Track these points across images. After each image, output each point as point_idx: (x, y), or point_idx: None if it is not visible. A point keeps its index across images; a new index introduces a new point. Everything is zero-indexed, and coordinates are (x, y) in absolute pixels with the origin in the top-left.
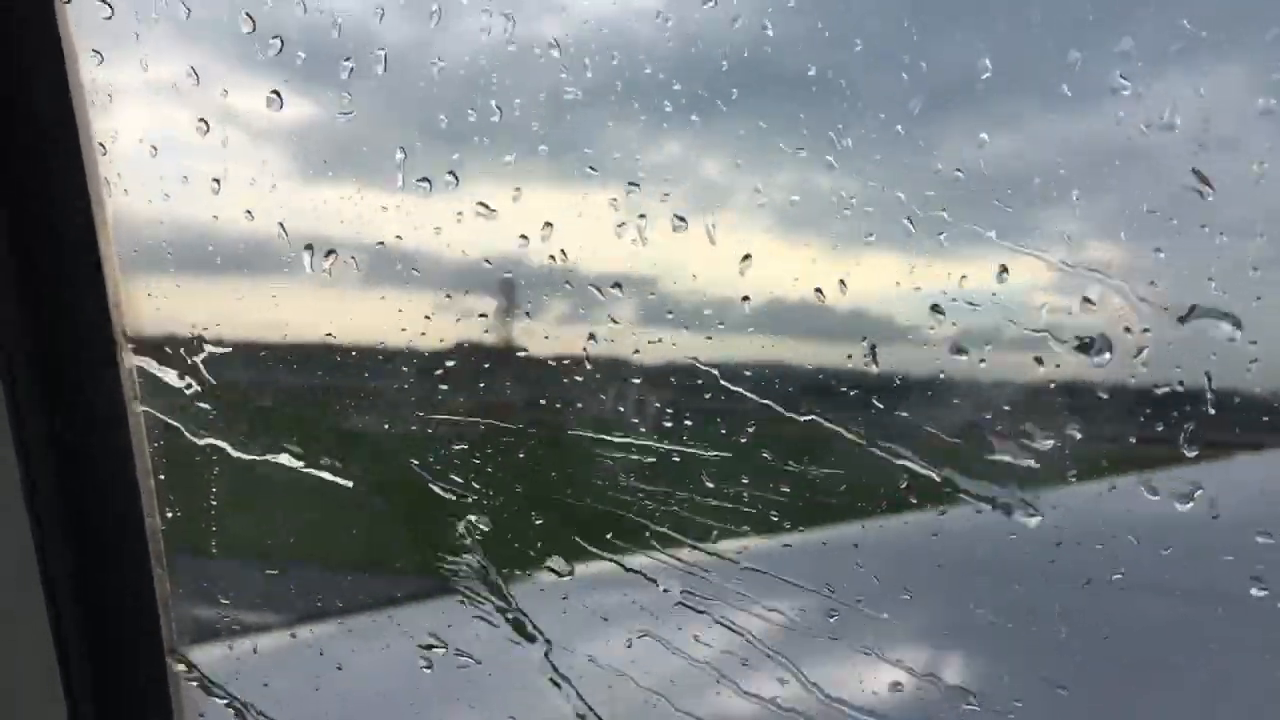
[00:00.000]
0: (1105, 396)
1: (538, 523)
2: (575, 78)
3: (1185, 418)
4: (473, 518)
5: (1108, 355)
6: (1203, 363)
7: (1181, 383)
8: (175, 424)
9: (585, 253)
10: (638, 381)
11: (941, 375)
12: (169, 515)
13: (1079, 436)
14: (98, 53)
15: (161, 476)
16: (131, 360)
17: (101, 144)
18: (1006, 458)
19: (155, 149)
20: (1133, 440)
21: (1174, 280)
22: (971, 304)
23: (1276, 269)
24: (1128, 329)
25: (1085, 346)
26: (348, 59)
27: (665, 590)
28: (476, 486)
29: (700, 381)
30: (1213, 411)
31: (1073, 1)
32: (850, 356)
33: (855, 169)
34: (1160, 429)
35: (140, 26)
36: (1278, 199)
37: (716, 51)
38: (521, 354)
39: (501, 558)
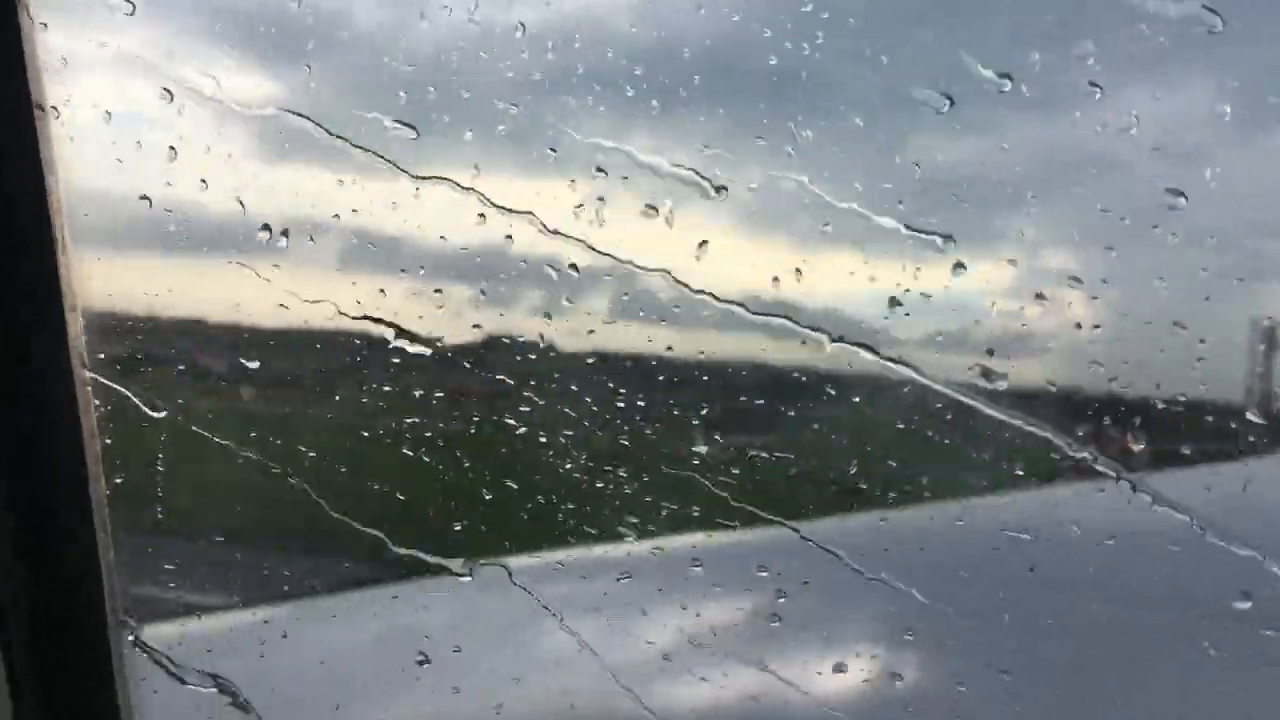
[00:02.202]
0: (1081, 400)
1: (500, 509)
2: (542, 62)
3: (1167, 424)
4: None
5: (1079, 358)
6: (1177, 368)
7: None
8: (124, 395)
9: (548, 237)
10: (600, 369)
11: (905, 371)
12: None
13: (1053, 440)
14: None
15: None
16: (79, 327)
17: (55, 107)
18: (980, 458)
19: (109, 116)
20: (1113, 445)
21: (1154, 287)
22: (934, 301)
23: (1256, 278)
24: (1127, 341)
25: (1052, 349)
26: (310, 38)
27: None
28: (431, 471)
29: (665, 371)
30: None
31: (1043, 7)
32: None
33: (819, 164)
34: (1140, 434)
35: None
36: (1249, 208)
37: (684, 42)
38: (487, 339)
39: (463, 544)
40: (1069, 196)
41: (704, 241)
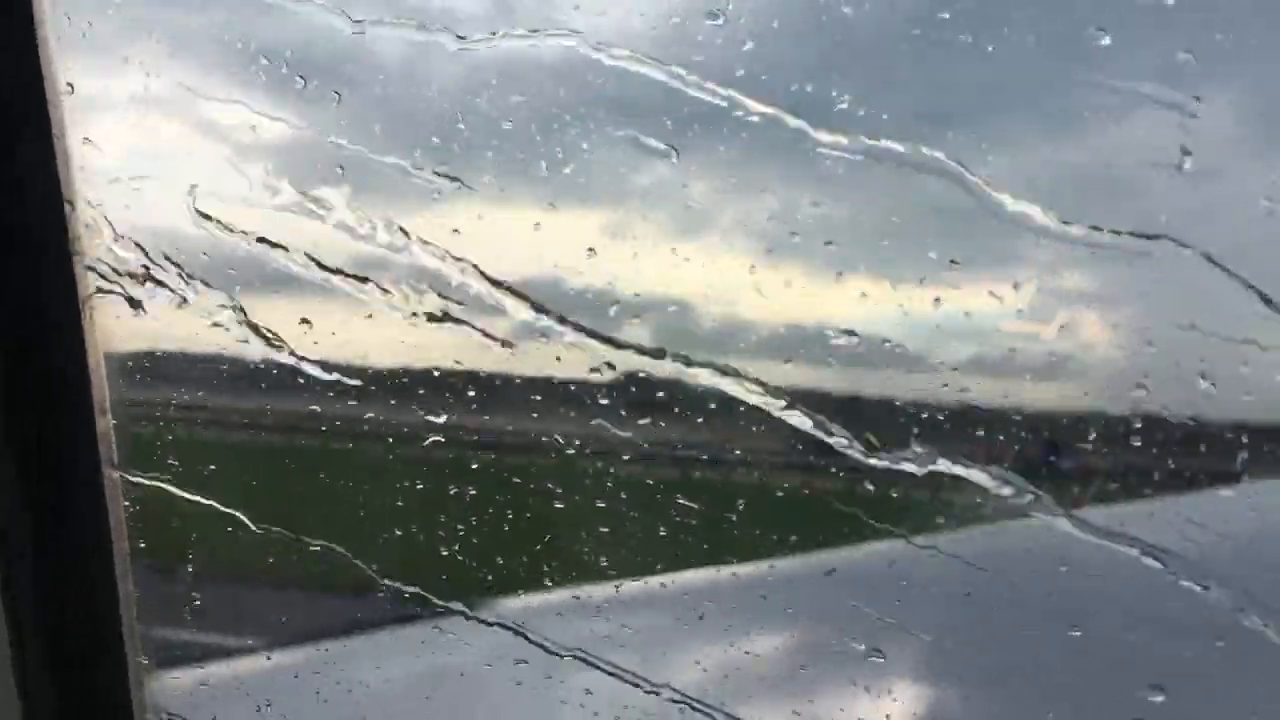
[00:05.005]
0: (1089, 422)
1: (525, 544)
2: (571, 95)
3: (1174, 446)
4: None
5: (1093, 381)
6: (1191, 391)
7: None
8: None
9: (574, 271)
10: (636, 403)
11: (929, 399)
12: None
13: (1068, 464)
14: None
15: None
16: (103, 370)
17: (87, 140)
18: (996, 484)
19: (134, 157)
20: (1121, 468)
21: (1163, 307)
22: (961, 325)
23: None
24: (1123, 354)
25: (1072, 372)
26: (336, 75)
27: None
28: (455, 508)
29: (701, 404)
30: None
31: (1067, 25)
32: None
33: (852, 191)
34: (1148, 457)
35: (123, 35)
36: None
37: (725, 71)
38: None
39: (484, 581)
40: (1098, 217)
41: (750, 269)
